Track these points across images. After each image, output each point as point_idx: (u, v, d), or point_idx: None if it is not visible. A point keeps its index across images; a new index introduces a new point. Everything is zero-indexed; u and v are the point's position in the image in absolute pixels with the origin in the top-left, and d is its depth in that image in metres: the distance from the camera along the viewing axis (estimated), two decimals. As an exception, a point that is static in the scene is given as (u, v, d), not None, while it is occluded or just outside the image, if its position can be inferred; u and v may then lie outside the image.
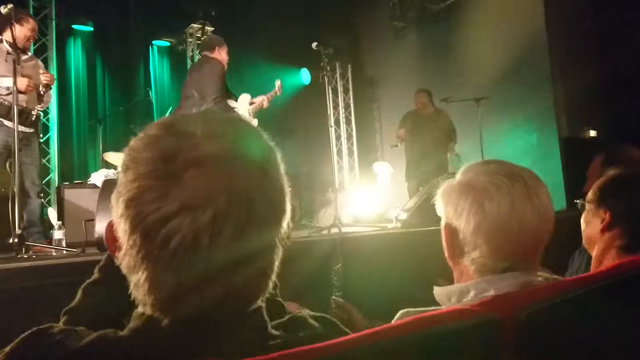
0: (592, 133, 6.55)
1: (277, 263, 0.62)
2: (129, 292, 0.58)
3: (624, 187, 1.29)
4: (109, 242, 0.59)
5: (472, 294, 0.96)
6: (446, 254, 1.03)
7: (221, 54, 4.19)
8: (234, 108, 4.22)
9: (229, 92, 4.24)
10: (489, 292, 0.94)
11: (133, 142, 0.58)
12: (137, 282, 0.56)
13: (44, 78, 3.57)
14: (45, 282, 1.96)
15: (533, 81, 6.44)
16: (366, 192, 6.69)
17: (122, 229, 0.55)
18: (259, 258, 0.57)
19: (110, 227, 0.58)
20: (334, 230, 3.16)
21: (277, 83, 4.64)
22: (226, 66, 4.19)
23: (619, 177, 1.34)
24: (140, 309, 0.59)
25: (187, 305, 0.54)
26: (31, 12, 5.38)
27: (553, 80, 6.30)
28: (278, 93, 4.59)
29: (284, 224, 0.60)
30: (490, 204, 0.93)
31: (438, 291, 1.03)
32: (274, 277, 0.62)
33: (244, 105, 4.40)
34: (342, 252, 2.97)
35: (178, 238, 0.51)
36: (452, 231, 0.98)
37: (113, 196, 0.57)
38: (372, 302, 2.02)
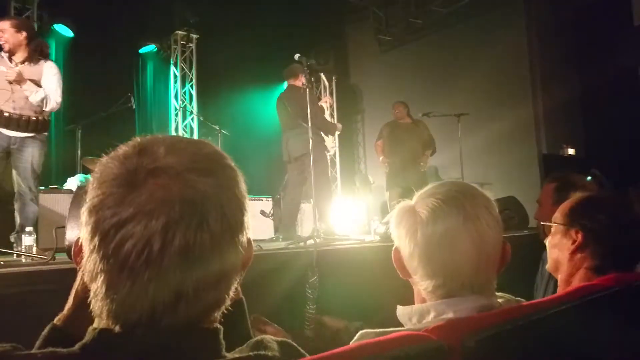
0: (571, 151, 6.66)
1: (235, 278, 0.63)
2: None
3: (599, 209, 1.30)
4: (75, 255, 0.63)
5: (431, 315, 0.97)
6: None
7: (302, 80, 4.65)
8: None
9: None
10: (448, 314, 0.95)
11: (104, 157, 0.62)
12: (96, 289, 0.57)
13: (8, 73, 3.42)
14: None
15: (513, 98, 6.54)
16: (347, 203, 6.69)
17: (85, 236, 0.57)
18: (210, 269, 0.57)
19: (77, 240, 0.62)
20: (311, 242, 3.15)
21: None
22: None
23: (592, 198, 1.35)
24: (94, 324, 0.59)
25: (140, 309, 0.55)
26: (12, 13, 5.32)
27: (533, 97, 6.40)
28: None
29: (242, 239, 0.62)
30: (425, 229, 0.94)
31: (400, 311, 1.04)
32: (231, 293, 0.63)
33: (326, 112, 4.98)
34: (318, 265, 2.95)
35: (131, 242, 0.54)
36: (398, 253, 1.01)
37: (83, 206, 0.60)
38: (346, 316, 2.01)
